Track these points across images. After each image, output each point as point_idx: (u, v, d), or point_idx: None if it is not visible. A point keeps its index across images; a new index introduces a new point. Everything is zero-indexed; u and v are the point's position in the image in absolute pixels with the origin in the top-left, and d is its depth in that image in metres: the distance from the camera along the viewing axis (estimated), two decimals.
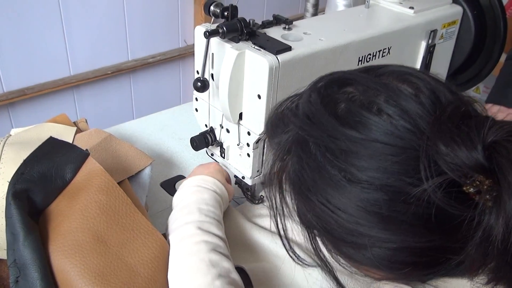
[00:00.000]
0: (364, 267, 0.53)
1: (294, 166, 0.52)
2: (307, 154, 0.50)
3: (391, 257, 0.48)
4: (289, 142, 0.52)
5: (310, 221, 0.52)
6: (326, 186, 0.48)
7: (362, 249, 0.49)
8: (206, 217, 0.71)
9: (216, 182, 0.78)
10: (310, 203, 0.51)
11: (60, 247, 0.65)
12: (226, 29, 0.70)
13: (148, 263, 0.67)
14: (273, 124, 0.57)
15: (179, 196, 0.76)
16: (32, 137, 0.87)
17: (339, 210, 0.48)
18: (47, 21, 1.70)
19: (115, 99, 2.06)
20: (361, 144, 0.46)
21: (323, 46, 0.76)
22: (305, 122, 0.50)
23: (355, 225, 0.47)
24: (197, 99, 0.85)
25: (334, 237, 0.51)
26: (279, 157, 0.54)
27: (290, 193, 0.54)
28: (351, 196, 0.47)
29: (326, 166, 0.48)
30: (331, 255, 0.55)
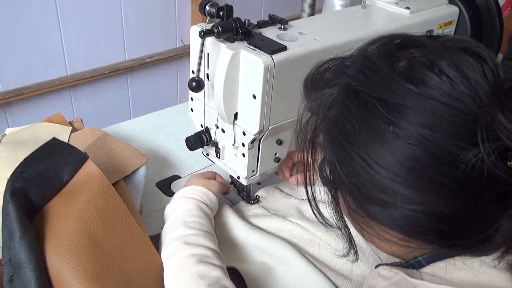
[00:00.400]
0: (383, 229, 0.52)
1: (337, 118, 0.50)
2: (356, 105, 0.49)
3: (419, 221, 0.48)
4: (335, 94, 0.52)
5: (340, 175, 0.51)
6: (370, 139, 0.48)
7: (390, 208, 0.48)
8: (191, 230, 0.73)
9: (199, 188, 0.81)
10: (347, 156, 0.50)
11: (56, 248, 0.65)
12: (221, 29, 0.70)
13: (141, 271, 0.67)
14: (314, 80, 0.56)
15: (170, 208, 0.80)
16: (28, 137, 0.87)
17: (377, 164, 0.47)
18: (44, 20, 1.70)
19: (112, 99, 2.06)
20: (417, 99, 0.46)
21: (318, 46, 0.76)
22: (360, 73, 0.50)
23: (391, 181, 0.47)
24: (192, 99, 0.85)
25: (362, 194, 0.50)
26: (321, 109, 0.53)
27: (324, 147, 0.53)
28: (395, 151, 0.46)
29: (375, 118, 0.47)
30: (351, 215, 0.55)
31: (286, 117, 0.78)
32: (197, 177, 0.85)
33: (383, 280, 0.54)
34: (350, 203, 0.54)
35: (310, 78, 0.57)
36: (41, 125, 0.91)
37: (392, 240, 0.53)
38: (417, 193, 0.46)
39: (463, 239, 0.49)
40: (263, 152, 0.81)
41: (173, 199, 0.82)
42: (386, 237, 0.53)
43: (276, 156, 0.84)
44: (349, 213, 0.55)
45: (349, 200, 0.53)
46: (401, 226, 0.49)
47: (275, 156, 0.84)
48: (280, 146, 0.83)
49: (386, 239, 0.53)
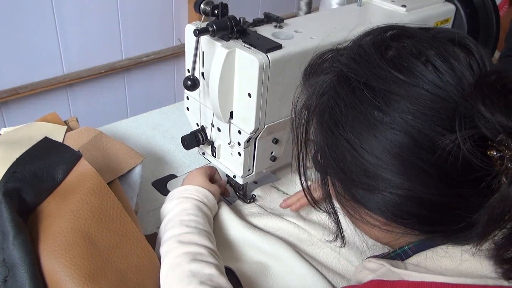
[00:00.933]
0: (367, 213, 0.54)
1: (329, 102, 0.53)
2: (345, 91, 0.51)
3: (400, 205, 0.49)
4: (329, 80, 0.54)
5: (328, 159, 0.53)
6: (356, 123, 0.50)
7: (373, 192, 0.50)
8: (187, 228, 0.74)
9: (197, 188, 0.82)
10: (334, 140, 0.52)
11: (50, 248, 0.64)
12: (216, 27, 0.70)
13: (137, 270, 0.67)
14: (312, 67, 0.59)
15: (165, 209, 0.81)
16: (23, 136, 0.86)
17: (362, 148, 0.49)
18: (40, 19, 1.70)
19: (109, 98, 2.05)
20: (403, 86, 0.48)
21: (314, 44, 0.76)
22: (351, 60, 0.52)
23: (374, 166, 0.49)
24: (188, 98, 0.85)
25: (348, 177, 0.52)
26: (314, 95, 0.55)
27: (316, 132, 0.56)
28: (379, 136, 0.48)
29: (362, 103, 0.49)
30: (339, 199, 0.57)
31: (282, 116, 0.78)
32: (196, 175, 0.85)
33: (370, 273, 0.56)
34: (338, 187, 0.55)
35: (309, 67, 0.59)
36: (36, 124, 0.90)
37: (375, 224, 0.54)
38: (399, 177, 0.48)
39: (443, 226, 0.50)
40: (259, 151, 0.81)
41: (170, 198, 0.82)
42: (370, 221, 0.54)
43: (272, 155, 0.84)
44: (337, 197, 0.57)
45: (337, 184, 0.55)
46: (383, 210, 0.51)
47: (271, 155, 0.84)
48: (276, 145, 0.83)
49: (370, 223, 0.54)
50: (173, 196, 0.82)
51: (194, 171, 0.86)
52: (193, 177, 0.85)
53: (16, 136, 0.85)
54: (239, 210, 0.90)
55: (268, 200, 0.93)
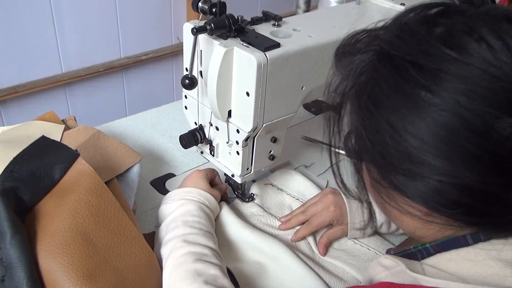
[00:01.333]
0: (406, 201, 0.50)
1: (367, 82, 0.49)
2: (387, 69, 0.47)
3: (446, 193, 0.46)
4: (368, 59, 0.50)
5: (365, 143, 0.50)
6: (400, 105, 0.46)
7: (416, 179, 0.47)
8: (191, 229, 0.74)
9: (200, 191, 0.82)
10: (373, 122, 0.48)
11: (48, 247, 0.64)
12: (214, 26, 0.70)
13: (135, 269, 0.67)
14: (345, 47, 0.55)
15: (166, 209, 0.80)
16: (20, 135, 0.86)
17: (406, 131, 0.45)
18: (38, 18, 1.69)
19: (108, 96, 2.05)
20: (454, 64, 0.44)
21: (312, 43, 0.75)
22: (394, 37, 0.48)
23: (419, 150, 0.45)
24: (186, 96, 0.84)
25: (387, 163, 0.48)
26: (350, 75, 0.51)
27: (351, 114, 0.52)
28: (426, 118, 0.44)
29: (407, 82, 0.45)
30: (374, 187, 0.53)
31: (280, 115, 0.78)
32: (197, 178, 0.84)
33: (384, 270, 0.54)
34: (373, 173, 0.52)
35: (341, 47, 0.56)
36: (33, 123, 0.90)
37: (415, 214, 0.50)
38: (447, 163, 0.44)
39: (489, 217, 0.47)
40: (258, 150, 0.80)
41: (171, 199, 0.81)
42: (409, 211, 0.50)
43: (270, 154, 0.84)
44: (372, 184, 0.53)
45: (372, 170, 0.52)
46: (427, 198, 0.47)
47: (270, 153, 0.84)
48: (274, 144, 0.82)
49: (409, 212, 0.50)
50: (174, 197, 0.82)
51: (195, 173, 0.86)
52: (194, 180, 0.84)
53: (14, 135, 0.85)
54: (238, 210, 0.90)
55: (264, 197, 0.93)
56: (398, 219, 0.55)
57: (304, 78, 0.77)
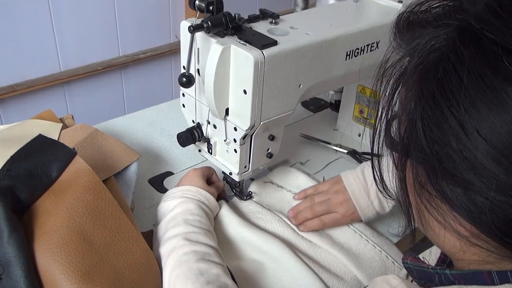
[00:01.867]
0: (454, 217, 0.42)
1: (439, 64, 0.39)
2: (472, 53, 0.37)
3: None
4: (445, 36, 0.40)
5: (418, 138, 0.41)
6: (479, 100, 0.37)
7: (476, 194, 0.38)
8: (193, 227, 0.73)
9: (199, 190, 0.81)
10: (437, 115, 0.39)
11: (45, 245, 0.64)
12: (211, 24, 0.69)
13: (133, 267, 0.67)
14: (413, 14, 0.45)
15: (165, 207, 0.80)
16: (17, 134, 0.86)
17: (479, 134, 0.37)
18: (37, 16, 1.69)
19: (106, 95, 2.05)
20: None
21: (309, 41, 0.75)
22: (489, 12, 0.38)
23: (490, 160, 0.36)
24: (184, 94, 0.84)
25: (443, 168, 0.39)
26: (417, 52, 0.42)
27: (408, 99, 0.42)
28: (509, 121, 0.35)
29: (498, 75, 0.36)
30: (417, 192, 0.44)
31: (278, 112, 0.78)
32: (195, 177, 0.84)
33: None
34: (419, 175, 0.43)
35: (405, 16, 0.45)
36: (31, 122, 0.90)
37: (461, 233, 0.42)
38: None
39: None
40: (255, 148, 0.80)
41: (170, 197, 0.81)
42: (456, 228, 0.42)
43: (268, 152, 0.84)
44: (415, 187, 0.44)
45: (419, 171, 0.43)
46: (484, 220, 0.38)
47: (268, 151, 0.84)
48: (272, 142, 0.82)
49: (455, 230, 0.42)
50: (173, 195, 0.81)
51: (192, 171, 0.86)
52: (191, 178, 0.84)
53: (11, 134, 0.85)
54: (236, 208, 0.90)
55: (264, 195, 0.93)
56: (436, 233, 0.46)
57: (301, 76, 0.77)
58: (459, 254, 0.45)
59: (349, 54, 0.83)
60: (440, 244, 0.47)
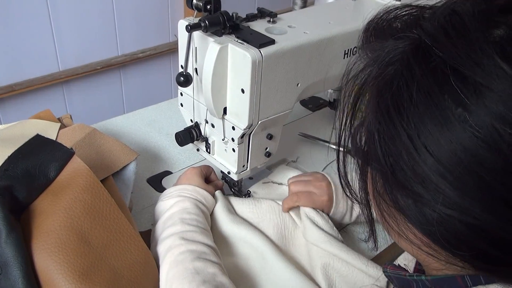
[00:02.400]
0: (408, 227, 0.44)
1: (394, 79, 0.41)
2: (423, 70, 0.39)
3: (458, 232, 0.39)
4: (400, 49, 0.41)
5: (376, 150, 0.42)
6: (428, 117, 0.38)
7: (425, 206, 0.40)
8: (189, 226, 0.74)
9: (196, 188, 0.81)
10: (391, 129, 0.40)
11: (43, 245, 0.64)
12: (208, 23, 0.69)
13: (131, 267, 0.67)
14: (378, 26, 0.47)
15: (162, 206, 0.80)
16: (16, 134, 0.86)
17: (427, 151, 0.38)
18: (35, 16, 1.69)
19: (105, 94, 2.04)
20: (506, 83, 0.35)
21: (307, 39, 0.75)
22: (440, 30, 0.39)
23: (437, 176, 0.38)
24: (182, 94, 0.84)
25: (396, 180, 0.41)
26: (377, 63, 0.43)
27: (367, 110, 0.44)
28: (454, 140, 0.37)
29: (443, 93, 0.37)
30: (376, 200, 0.46)
31: (276, 111, 0.78)
32: (192, 175, 0.84)
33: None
34: (378, 185, 0.45)
35: (374, 23, 0.47)
36: (28, 122, 0.90)
37: (414, 243, 0.44)
38: (466, 199, 0.37)
39: (504, 266, 0.40)
40: (253, 147, 0.80)
41: (167, 196, 0.81)
42: (409, 237, 0.45)
43: (266, 151, 0.84)
44: (374, 196, 0.47)
45: (378, 181, 0.45)
46: (432, 231, 0.40)
47: (266, 150, 0.84)
48: (270, 141, 0.82)
49: (408, 239, 0.45)
50: (170, 194, 0.82)
51: (190, 170, 0.86)
52: (189, 177, 0.84)
53: (9, 134, 0.85)
54: (231, 204, 0.89)
55: (263, 194, 0.93)
56: (397, 240, 0.49)
57: (299, 75, 0.77)
58: (419, 259, 0.47)
59: (347, 53, 0.83)
60: (403, 247, 0.49)
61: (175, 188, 0.82)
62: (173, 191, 0.82)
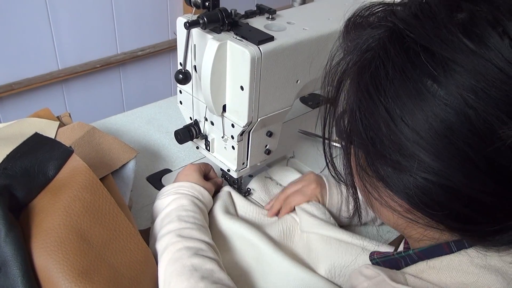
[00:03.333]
0: (389, 195, 0.48)
1: (373, 60, 0.45)
2: (397, 50, 0.43)
3: (432, 194, 0.43)
4: (378, 35, 0.46)
5: (357, 126, 0.46)
6: (402, 91, 0.42)
7: (403, 173, 0.44)
8: (186, 223, 0.74)
9: (193, 185, 0.81)
10: (370, 105, 0.45)
11: (43, 244, 0.64)
12: (207, 20, 0.69)
13: (131, 266, 0.67)
14: (357, 18, 0.51)
15: (160, 205, 0.80)
16: (15, 132, 0.85)
17: (402, 121, 0.42)
18: (34, 15, 1.68)
19: (105, 93, 2.04)
20: (470, 57, 0.40)
21: (306, 36, 0.75)
22: (411, 16, 0.44)
23: (412, 143, 0.42)
24: (181, 91, 0.84)
25: (377, 151, 0.45)
26: (356, 50, 0.47)
27: (349, 92, 0.48)
28: (426, 110, 0.41)
29: (415, 68, 0.42)
30: (359, 174, 0.51)
31: (276, 109, 0.77)
32: (191, 172, 0.84)
33: (365, 280, 0.52)
34: (361, 160, 0.49)
35: (352, 18, 0.52)
36: (27, 120, 0.89)
37: (395, 209, 0.48)
38: (439, 163, 0.42)
39: (475, 225, 0.44)
40: (253, 145, 0.80)
41: (165, 194, 0.81)
42: (391, 205, 0.48)
43: (266, 148, 0.83)
44: (358, 171, 0.51)
45: (360, 156, 0.49)
46: (410, 194, 0.44)
47: (266, 148, 0.83)
48: (270, 138, 0.82)
49: (390, 206, 0.48)
50: (167, 192, 0.81)
51: (188, 167, 0.86)
52: (188, 173, 0.84)
53: (8, 133, 0.85)
54: (232, 201, 0.89)
55: (264, 193, 0.92)
56: (379, 211, 0.53)
57: (299, 72, 0.77)
58: (400, 227, 0.51)
59: None
60: (386, 220, 0.53)
61: (173, 186, 0.82)
62: (171, 188, 0.82)
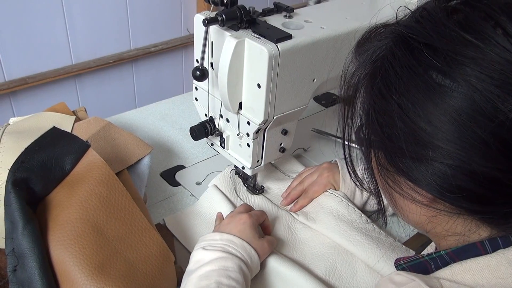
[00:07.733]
0: (411, 187, 0.50)
1: (382, 65, 0.49)
2: (403, 51, 0.47)
3: (450, 177, 0.46)
4: (385, 45, 0.50)
5: (374, 125, 0.50)
6: (411, 86, 0.46)
7: (421, 162, 0.47)
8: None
9: (244, 244, 0.72)
10: (383, 103, 0.48)
11: (59, 237, 0.64)
12: (225, 17, 0.69)
13: (146, 260, 0.67)
14: (367, 35, 0.55)
15: (202, 256, 0.70)
16: (31, 126, 0.86)
17: (414, 113, 0.46)
18: (49, 9, 1.69)
19: (117, 88, 2.05)
20: (469, 47, 0.44)
21: (324, 35, 0.75)
22: (414, 21, 0.49)
23: (427, 132, 0.45)
24: (197, 88, 0.84)
25: (394, 146, 0.48)
26: (367, 60, 0.52)
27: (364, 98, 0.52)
28: (436, 100, 0.45)
29: (420, 64, 0.46)
30: (380, 173, 0.53)
31: (291, 107, 0.77)
32: (245, 226, 0.74)
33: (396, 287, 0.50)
34: (381, 159, 0.52)
35: (361, 40, 0.56)
36: (44, 114, 0.90)
37: (418, 200, 0.50)
38: (453, 146, 0.44)
39: (493, 206, 0.46)
40: (268, 142, 0.80)
41: (211, 246, 0.71)
42: (413, 196, 0.50)
43: (281, 146, 0.83)
44: (379, 171, 0.53)
45: (380, 156, 0.52)
46: (429, 182, 0.47)
47: (280, 146, 0.83)
48: (285, 136, 0.82)
49: (412, 197, 0.50)
50: (214, 243, 0.72)
51: (245, 218, 0.75)
52: (241, 228, 0.74)
53: (25, 126, 0.85)
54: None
55: (277, 189, 0.93)
56: (403, 209, 0.55)
57: (315, 70, 0.77)
58: (423, 223, 0.53)
59: None
60: (409, 217, 0.55)
61: (221, 237, 0.72)
62: (219, 240, 0.72)
